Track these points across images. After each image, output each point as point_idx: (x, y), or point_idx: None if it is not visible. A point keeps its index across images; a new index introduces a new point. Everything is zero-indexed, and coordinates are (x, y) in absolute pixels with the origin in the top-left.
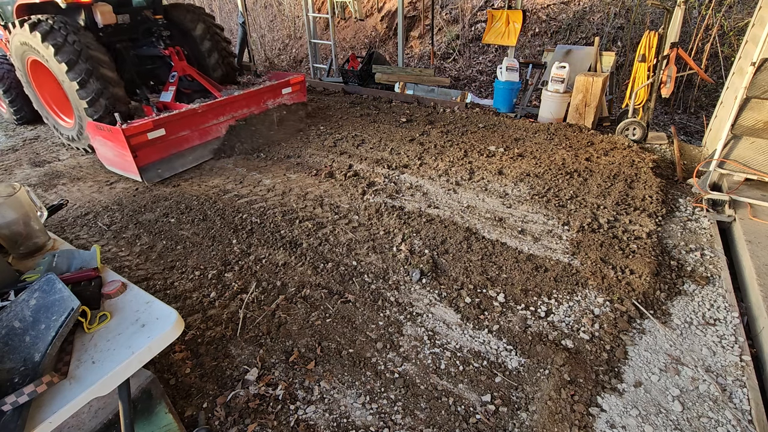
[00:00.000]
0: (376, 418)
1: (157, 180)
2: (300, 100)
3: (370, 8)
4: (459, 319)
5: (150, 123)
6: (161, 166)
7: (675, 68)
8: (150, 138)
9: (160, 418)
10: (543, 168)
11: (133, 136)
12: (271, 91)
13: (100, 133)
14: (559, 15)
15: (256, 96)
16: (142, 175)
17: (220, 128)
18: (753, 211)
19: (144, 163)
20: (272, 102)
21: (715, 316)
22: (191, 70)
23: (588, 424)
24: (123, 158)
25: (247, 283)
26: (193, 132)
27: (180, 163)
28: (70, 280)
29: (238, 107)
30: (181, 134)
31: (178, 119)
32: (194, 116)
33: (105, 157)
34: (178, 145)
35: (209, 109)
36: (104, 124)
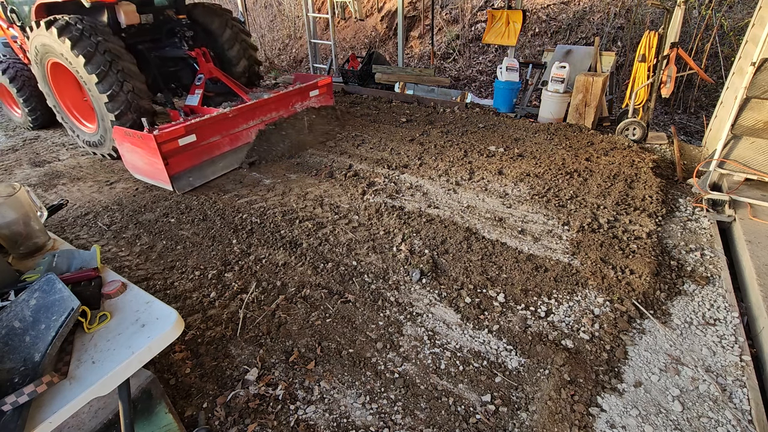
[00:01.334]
0: (376, 418)
1: (189, 189)
2: (327, 103)
3: (370, 8)
4: (459, 319)
5: (182, 128)
6: (192, 174)
7: (675, 68)
8: (181, 144)
9: (160, 418)
10: (543, 168)
11: (165, 143)
12: (299, 93)
13: (129, 139)
14: (559, 15)
15: (285, 99)
16: (174, 183)
17: (250, 133)
18: (753, 211)
19: (175, 171)
20: (300, 105)
21: (715, 316)
22: (218, 73)
23: (588, 424)
24: (153, 166)
25: (247, 283)
26: (224, 137)
27: (211, 171)
28: (70, 280)
29: (268, 111)
30: (212, 140)
31: (210, 124)
32: (225, 121)
33: (133, 165)
34: (210, 151)
35: (240, 114)
36: (133, 130)
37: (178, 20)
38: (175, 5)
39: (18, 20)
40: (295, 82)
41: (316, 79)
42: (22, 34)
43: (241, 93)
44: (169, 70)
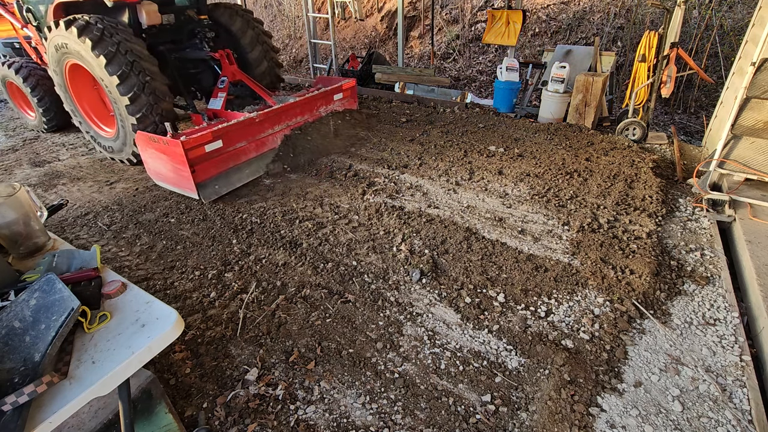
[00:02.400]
0: (376, 418)
1: (215, 197)
2: (351, 106)
3: (370, 8)
4: (459, 319)
5: (209, 134)
6: (219, 182)
7: (675, 68)
8: (207, 151)
9: (160, 418)
10: (543, 168)
11: (192, 149)
12: (324, 97)
13: (153, 145)
14: (559, 15)
15: (311, 103)
16: (200, 192)
17: (276, 138)
18: (753, 211)
19: (202, 179)
20: (324, 109)
21: (715, 316)
22: (241, 75)
23: (588, 424)
24: (179, 173)
25: (247, 283)
26: (250, 143)
27: (237, 178)
28: (70, 280)
29: (293, 115)
30: (238, 146)
31: (237, 129)
32: (252, 126)
33: (156, 172)
34: (236, 157)
35: (266, 118)
36: (157, 135)
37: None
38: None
39: (34, 20)
40: (316, 85)
41: (341, 82)
42: (37, 34)
43: (265, 96)
44: (189, 73)
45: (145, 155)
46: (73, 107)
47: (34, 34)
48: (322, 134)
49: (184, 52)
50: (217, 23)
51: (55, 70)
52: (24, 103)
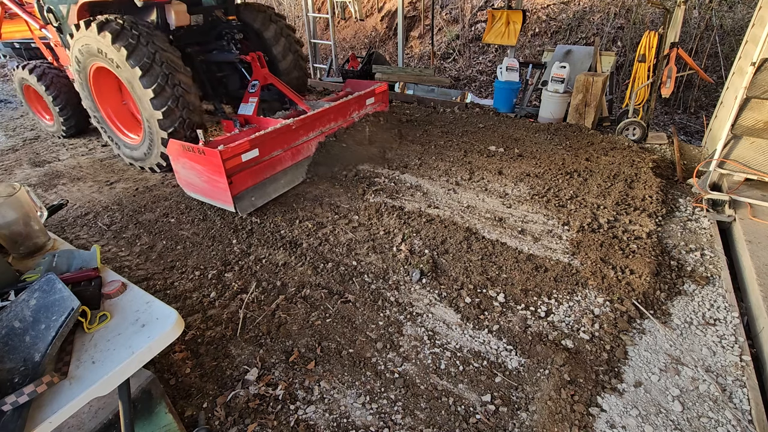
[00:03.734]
0: (376, 418)
1: (251, 210)
2: (382, 110)
3: (370, 8)
4: (459, 319)
5: (247, 143)
6: (255, 193)
7: (675, 68)
8: (244, 160)
9: (160, 418)
10: (543, 168)
11: (229, 159)
12: (357, 101)
13: (187, 154)
14: (559, 15)
15: (344, 108)
16: (236, 204)
17: (311, 146)
18: (753, 211)
19: (238, 190)
20: (357, 114)
21: (715, 316)
22: (273, 79)
23: (588, 424)
24: (215, 185)
25: (247, 283)
26: (286, 151)
27: (273, 189)
28: (70, 280)
29: (328, 121)
30: (273, 154)
31: (274, 137)
32: (288, 133)
33: (188, 183)
34: (272, 167)
35: (302, 125)
36: (193, 145)
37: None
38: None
39: (54, 20)
40: (345, 89)
41: (373, 85)
42: (57, 35)
43: (298, 102)
44: (216, 76)
45: (177, 164)
46: (95, 111)
47: (53, 35)
48: (357, 140)
49: (211, 55)
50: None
51: (78, 72)
52: (41, 107)
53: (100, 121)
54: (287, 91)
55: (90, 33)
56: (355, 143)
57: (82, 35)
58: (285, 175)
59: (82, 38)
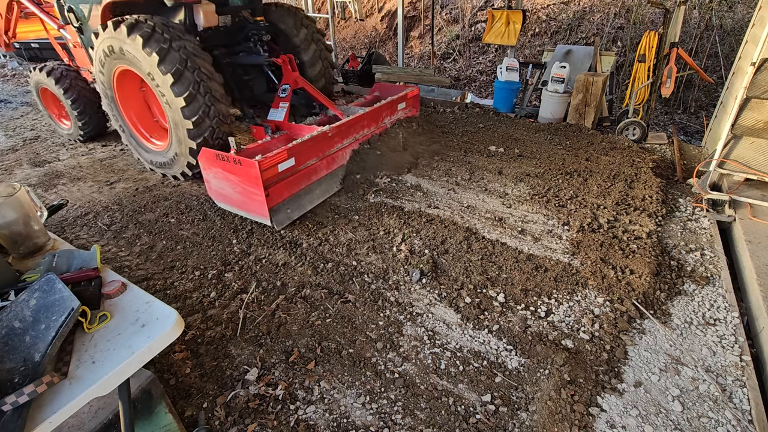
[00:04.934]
0: (376, 418)
1: (287, 223)
2: (413, 115)
3: (370, 8)
4: (459, 319)
5: (284, 152)
6: (290, 205)
7: (675, 68)
8: (280, 170)
9: (160, 418)
10: (543, 168)
11: (266, 170)
12: (389, 107)
13: (220, 164)
14: (559, 15)
15: (377, 113)
16: (272, 217)
17: (345, 154)
18: (753, 211)
19: (275, 202)
20: (389, 119)
21: (715, 316)
22: (304, 83)
23: (588, 424)
24: (250, 197)
25: (247, 283)
26: (321, 160)
27: (308, 200)
28: (70, 280)
29: (361, 128)
30: (309, 163)
31: (310, 145)
32: (324, 141)
33: (220, 194)
34: (307, 177)
35: (338, 132)
36: (227, 154)
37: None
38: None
39: (75, 21)
40: (372, 93)
41: (405, 90)
42: (78, 35)
43: (331, 107)
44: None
45: (209, 174)
46: (118, 116)
47: (72, 36)
48: (391, 147)
49: (238, 57)
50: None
51: (101, 74)
52: (58, 110)
53: (122, 125)
54: (319, 96)
55: (118, 35)
56: (389, 150)
57: (108, 36)
58: (320, 186)
59: (108, 40)
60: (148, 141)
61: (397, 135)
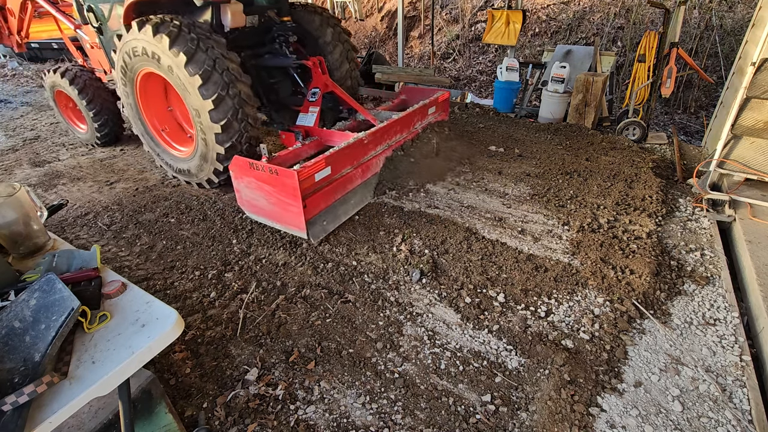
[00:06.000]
0: (376, 418)
1: (323, 236)
2: (443, 119)
3: (370, 8)
4: (459, 319)
5: (322, 161)
6: (326, 217)
7: (675, 68)
8: (316, 180)
9: (160, 418)
10: (543, 168)
11: (303, 180)
12: (420, 111)
13: (253, 173)
14: (559, 15)
15: (409, 118)
16: (309, 230)
17: (378, 161)
18: (753, 211)
19: (312, 214)
20: (420, 124)
21: (715, 316)
22: (334, 86)
23: (588, 424)
24: (286, 208)
25: (247, 283)
26: (356, 169)
27: (343, 211)
28: (70, 280)
29: (394, 133)
30: (344, 172)
31: (347, 153)
32: (360, 148)
33: (252, 204)
34: (343, 187)
35: (373, 138)
36: (262, 162)
37: (282, 23)
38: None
39: (95, 21)
40: (399, 96)
41: (435, 93)
42: (96, 36)
43: (364, 112)
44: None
45: (240, 183)
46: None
47: (90, 36)
48: (424, 153)
49: (263, 59)
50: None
51: (124, 76)
52: (74, 114)
53: (144, 131)
54: (349, 100)
55: (143, 36)
56: (422, 157)
57: (133, 38)
58: (354, 195)
59: (133, 41)
60: (171, 146)
61: (430, 140)
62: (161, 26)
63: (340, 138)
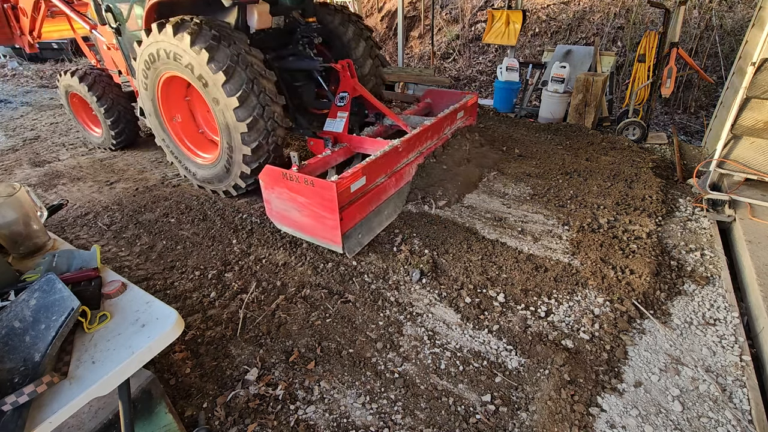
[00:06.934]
0: (376, 418)
1: (358, 250)
2: (471, 123)
3: (370, 8)
4: (459, 319)
5: (359, 170)
6: (361, 230)
7: (675, 68)
8: (352, 191)
9: (160, 418)
10: (543, 168)
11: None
12: (450, 116)
13: (286, 183)
14: (559, 15)
15: (440, 124)
16: (344, 244)
17: (410, 169)
18: (753, 211)
19: (347, 227)
20: (449, 130)
21: (715, 316)
22: (362, 90)
23: (588, 424)
24: (321, 221)
25: (247, 283)
26: (390, 177)
27: (377, 222)
28: (70, 280)
29: (426, 139)
30: (378, 182)
31: (383, 162)
32: (395, 156)
33: (284, 216)
34: (377, 197)
35: (407, 146)
36: (297, 173)
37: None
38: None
39: (114, 21)
40: (424, 99)
41: (465, 97)
42: (114, 37)
43: (394, 118)
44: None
45: (271, 194)
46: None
47: (107, 37)
48: (456, 160)
49: (288, 62)
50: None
51: (145, 81)
52: (88, 117)
53: (165, 137)
54: (378, 105)
55: (165, 37)
56: (455, 163)
57: (154, 41)
58: (388, 206)
59: (154, 44)
60: (193, 153)
61: (460, 146)
62: (181, 26)
63: (371, 145)
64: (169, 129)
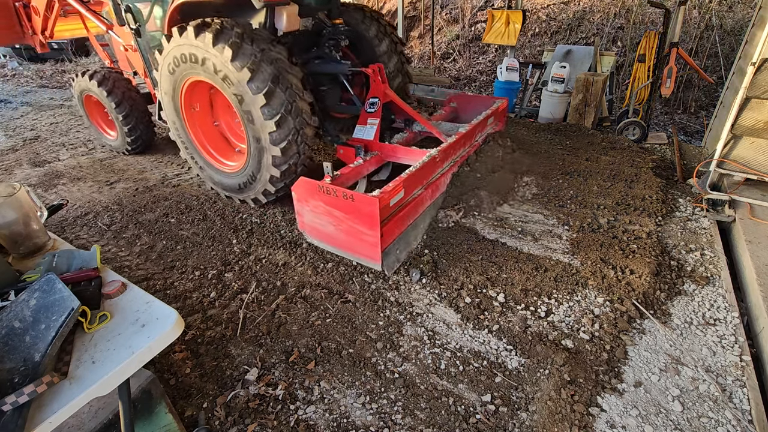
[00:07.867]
0: (376, 418)
1: (396, 267)
2: (500, 129)
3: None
4: (459, 319)
5: (400, 183)
6: (399, 245)
7: (675, 68)
8: (391, 205)
9: (160, 418)
10: (543, 168)
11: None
12: (482, 123)
13: (323, 197)
14: (559, 15)
15: (473, 131)
16: (384, 261)
17: (445, 179)
18: (753, 211)
19: (386, 243)
20: (480, 136)
21: (715, 316)
22: (393, 96)
23: (588, 424)
24: (359, 237)
25: (247, 283)
26: (426, 189)
27: (414, 236)
28: (70, 280)
29: (459, 147)
30: (415, 194)
31: (420, 174)
32: (433, 166)
33: (319, 231)
34: (415, 210)
35: (444, 156)
36: (336, 187)
37: (335, 26)
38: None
39: (133, 22)
40: (449, 103)
41: (494, 103)
42: (133, 38)
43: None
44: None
45: (304, 207)
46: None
47: (124, 38)
48: (490, 167)
49: (314, 65)
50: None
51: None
52: (103, 120)
53: (188, 144)
54: (410, 111)
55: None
56: (488, 171)
57: (176, 44)
58: (424, 219)
59: (180, 47)
60: (216, 161)
61: (493, 153)
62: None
63: (404, 154)
64: (192, 134)
